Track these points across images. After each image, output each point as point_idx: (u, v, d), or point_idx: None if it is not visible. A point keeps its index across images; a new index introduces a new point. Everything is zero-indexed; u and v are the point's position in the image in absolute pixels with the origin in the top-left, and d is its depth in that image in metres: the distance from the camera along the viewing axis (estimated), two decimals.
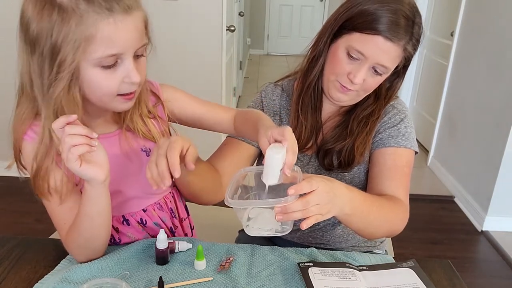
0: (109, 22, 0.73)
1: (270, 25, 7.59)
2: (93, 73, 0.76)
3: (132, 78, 0.78)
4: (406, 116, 1.12)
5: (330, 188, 0.83)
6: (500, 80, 2.53)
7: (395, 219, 1.02)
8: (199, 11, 2.62)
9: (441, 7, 3.56)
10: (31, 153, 0.83)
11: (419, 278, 0.88)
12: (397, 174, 1.07)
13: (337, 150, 1.10)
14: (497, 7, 2.64)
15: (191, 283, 0.86)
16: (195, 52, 2.67)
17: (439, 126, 3.31)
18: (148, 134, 0.94)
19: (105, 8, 0.72)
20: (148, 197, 1.01)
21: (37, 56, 0.75)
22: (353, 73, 1.00)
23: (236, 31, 3.62)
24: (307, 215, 0.80)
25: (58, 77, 0.74)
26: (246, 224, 0.85)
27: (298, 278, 0.89)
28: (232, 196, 0.82)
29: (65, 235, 0.89)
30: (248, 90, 5.20)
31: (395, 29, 0.95)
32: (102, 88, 0.78)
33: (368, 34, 0.96)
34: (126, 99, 0.82)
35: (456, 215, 2.79)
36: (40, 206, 0.88)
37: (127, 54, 0.77)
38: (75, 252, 0.90)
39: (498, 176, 2.47)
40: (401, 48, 0.98)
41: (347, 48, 1.00)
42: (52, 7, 0.72)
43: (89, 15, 0.72)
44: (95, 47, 0.73)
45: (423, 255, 2.30)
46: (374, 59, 0.98)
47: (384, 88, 1.12)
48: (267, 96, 1.19)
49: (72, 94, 0.76)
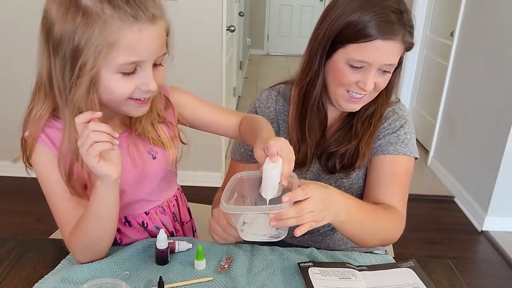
0: (133, 30, 0.73)
1: (270, 25, 7.58)
2: (112, 79, 0.76)
3: (150, 86, 0.78)
4: (407, 121, 1.10)
5: (325, 195, 0.83)
6: (500, 80, 2.53)
7: (390, 228, 1.02)
8: (199, 11, 2.61)
9: (441, 7, 3.56)
10: (43, 157, 0.84)
11: (419, 278, 0.88)
12: (394, 182, 1.06)
13: (341, 153, 1.09)
14: (497, 7, 2.64)
15: (191, 283, 0.86)
16: (195, 52, 2.66)
17: (439, 126, 3.31)
18: (157, 140, 0.94)
19: (131, 16, 0.72)
20: (151, 200, 1.01)
21: (59, 58, 0.75)
22: (362, 81, 0.97)
23: (236, 31, 3.62)
24: (301, 222, 0.80)
25: (79, 82, 0.74)
26: (241, 228, 0.86)
27: (298, 278, 0.89)
28: (228, 201, 0.82)
29: (68, 236, 0.88)
30: (248, 90, 5.20)
31: (389, 27, 0.93)
32: (115, 93, 0.78)
33: (365, 42, 0.94)
34: (139, 103, 0.82)
35: (456, 215, 2.79)
36: (40, 206, 0.88)
37: (147, 62, 0.77)
38: (78, 253, 0.89)
39: (498, 176, 2.47)
40: (400, 42, 0.96)
41: (347, 61, 0.97)
42: (76, 10, 0.72)
43: (113, 21, 0.71)
44: (117, 54, 0.73)
45: (423, 255, 2.30)
46: (379, 62, 0.96)
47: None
48: (262, 105, 1.16)
49: (91, 98, 0.77)
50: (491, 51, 2.67)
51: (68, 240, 0.89)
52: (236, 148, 1.20)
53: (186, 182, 1.75)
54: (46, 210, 0.89)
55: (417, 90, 3.92)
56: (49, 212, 0.89)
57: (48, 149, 0.84)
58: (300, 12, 7.44)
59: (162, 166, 0.97)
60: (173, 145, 0.96)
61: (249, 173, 0.88)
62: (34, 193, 0.85)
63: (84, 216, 0.85)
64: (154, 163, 0.95)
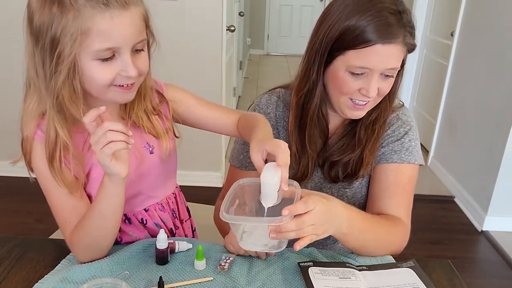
0: (105, 17, 0.75)
1: (270, 25, 7.59)
2: (91, 65, 0.78)
3: (129, 72, 0.80)
4: (411, 127, 1.07)
5: (327, 208, 0.82)
6: (500, 80, 2.53)
7: (394, 241, 0.99)
8: (199, 11, 2.61)
9: (441, 7, 3.56)
10: (40, 154, 0.84)
11: (419, 278, 0.88)
12: (398, 192, 1.04)
13: (344, 162, 1.06)
14: (497, 7, 2.64)
15: (191, 283, 0.86)
16: (195, 52, 2.67)
17: (439, 126, 3.31)
18: (152, 130, 0.96)
19: (102, 3, 0.74)
20: (150, 196, 1.01)
21: (39, 48, 0.77)
22: (365, 88, 0.94)
23: (236, 31, 3.62)
24: (301, 235, 0.79)
25: (58, 69, 0.77)
26: (241, 237, 0.85)
27: (298, 278, 0.89)
28: (229, 209, 0.80)
29: (69, 235, 0.88)
30: (248, 90, 5.20)
31: (388, 30, 0.90)
32: (96, 79, 0.79)
33: (364, 47, 0.90)
34: (123, 89, 0.83)
35: (456, 215, 2.79)
36: (41, 206, 0.88)
37: (124, 48, 0.78)
38: (80, 252, 0.90)
39: (498, 176, 2.47)
40: (402, 44, 0.92)
41: (347, 68, 0.93)
42: (53, 0, 0.75)
43: (86, 9, 0.74)
44: (91, 40, 0.75)
45: (423, 255, 2.29)
46: (380, 67, 0.92)
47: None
48: (262, 110, 1.12)
49: (73, 86, 0.79)
50: (491, 51, 2.67)
51: (70, 239, 0.89)
52: (235, 154, 1.17)
53: (186, 182, 1.75)
54: (47, 210, 0.89)
55: (417, 90, 3.92)
56: (49, 212, 0.89)
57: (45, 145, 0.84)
58: (300, 12, 7.45)
59: (160, 160, 0.99)
60: (167, 137, 0.98)
61: (251, 180, 0.87)
62: (34, 193, 0.85)
63: (88, 215, 0.85)
64: (151, 157, 0.97)
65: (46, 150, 0.83)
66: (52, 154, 0.83)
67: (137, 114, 0.93)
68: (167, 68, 0.99)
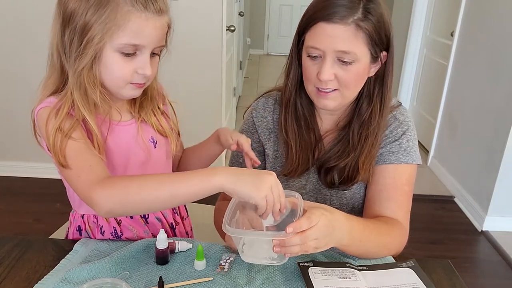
0: (141, 16, 0.83)
1: (270, 25, 7.58)
2: (113, 57, 0.84)
3: (145, 70, 0.87)
4: (409, 127, 1.06)
5: (329, 221, 0.82)
6: (500, 80, 2.53)
7: (393, 244, 0.99)
8: (199, 11, 2.62)
9: (441, 7, 3.57)
10: (59, 117, 0.86)
11: (419, 278, 0.88)
12: (397, 194, 1.03)
13: (340, 167, 1.06)
14: (497, 7, 2.64)
15: (191, 283, 0.86)
16: (195, 52, 2.66)
17: (439, 126, 3.31)
18: (160, 128, 1.03)
19: (141, 4, 0.82)
20: None
21: (69, 30, 0.84)
22: (319, 71, 0.95)
23: (236, 31, 3.62)
24: (305, 249, 0.80)
25: (84, 53, 0.83)
26: (242, 250, 0.85)
27: (298, 278, 0.89)
28: (230, 221, 0.82)
29: (96, 178, 0.81)
30: (248, 90, 5.20)
31: (332, 8, 0.90)
32: (113, 70, 0.86)
33: (311, 27, 0.94)
34: (136, 86, 0.90)
35: (456, 215, 2.79)
36: (40, 206, 0.88)
37: (146, 48, 0.86)
38: (106, 197, 0.79)
39: (498, 176, 2.47)
40: (353, 27, 0.91)
41: (306, 51, 0.97)
42: None
43: (125, 5, 0.82)
44: (122, 34, 0.82)
45: (423, 255, 2.28)
46: (329, 48, 0.92)
47: (374, 86, 1.03)
48: (259, 114, 1.13)
49: (94, 72, 0.86)
50: (491, 51, 2.66)
51: (97, 182, 0.80)
52: (235, 158, 1.18)
53: None
54: (46, 210, 0.89)
55: (417, 90, 3.92)
56: (49, 212, 0.89)
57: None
58: (300, 12, 7.37)
59: (163, 153, 1.04)
60: (174, 136, 1.05)
61: None
62: (34, 193, 0.85)
63: (158, 179, 0.80)
64: (155, 150, 1.02)
65: (60, 119, 0.85)
66: (65, 124, 0.86)
67: (145, 112, 1.00)
68: (167, 68, 1.01)
